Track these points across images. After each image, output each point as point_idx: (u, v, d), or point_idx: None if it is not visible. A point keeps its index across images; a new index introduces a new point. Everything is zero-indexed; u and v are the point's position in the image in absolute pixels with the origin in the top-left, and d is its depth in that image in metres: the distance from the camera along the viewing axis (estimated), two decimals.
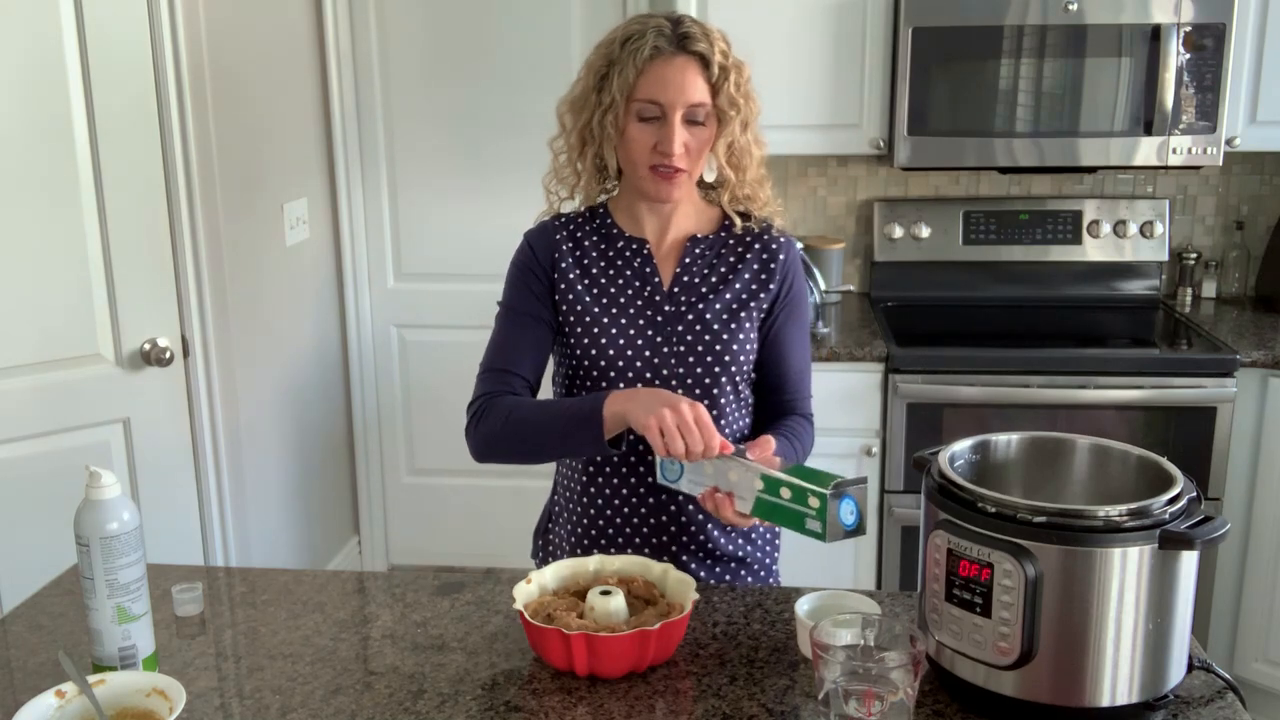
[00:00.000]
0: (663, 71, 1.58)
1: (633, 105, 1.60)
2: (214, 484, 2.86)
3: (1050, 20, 2.86)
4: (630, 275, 1.72)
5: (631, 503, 1.73)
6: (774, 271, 1.72)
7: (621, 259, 1.73)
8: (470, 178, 3.55)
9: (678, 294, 1.70)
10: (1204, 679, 1.37)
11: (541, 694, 1.37)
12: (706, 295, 1.70)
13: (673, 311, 1.70)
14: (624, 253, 1.73)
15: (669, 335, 1.69)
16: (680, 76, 1.58)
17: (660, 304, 1.70)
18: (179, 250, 2.67)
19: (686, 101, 1.59)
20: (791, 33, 2.99)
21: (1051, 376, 2.83)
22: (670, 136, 1.59)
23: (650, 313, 1.70)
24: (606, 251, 1.73)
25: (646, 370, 1.68)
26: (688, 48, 1.59)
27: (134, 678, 1.30)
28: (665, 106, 1.59)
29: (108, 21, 2.44)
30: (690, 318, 1.69)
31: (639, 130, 1.61)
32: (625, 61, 1.59)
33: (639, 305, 1.70)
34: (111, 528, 1.35)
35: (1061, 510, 1.23)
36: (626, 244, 1.73)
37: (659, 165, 1.62)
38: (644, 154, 1.62)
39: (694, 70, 1.59)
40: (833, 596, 1.49)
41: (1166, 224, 3.29)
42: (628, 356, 1.69)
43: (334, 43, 3.46)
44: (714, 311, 1.69)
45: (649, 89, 1.59)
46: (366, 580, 1.73)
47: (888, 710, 1.20)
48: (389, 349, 3.72)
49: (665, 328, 1.69)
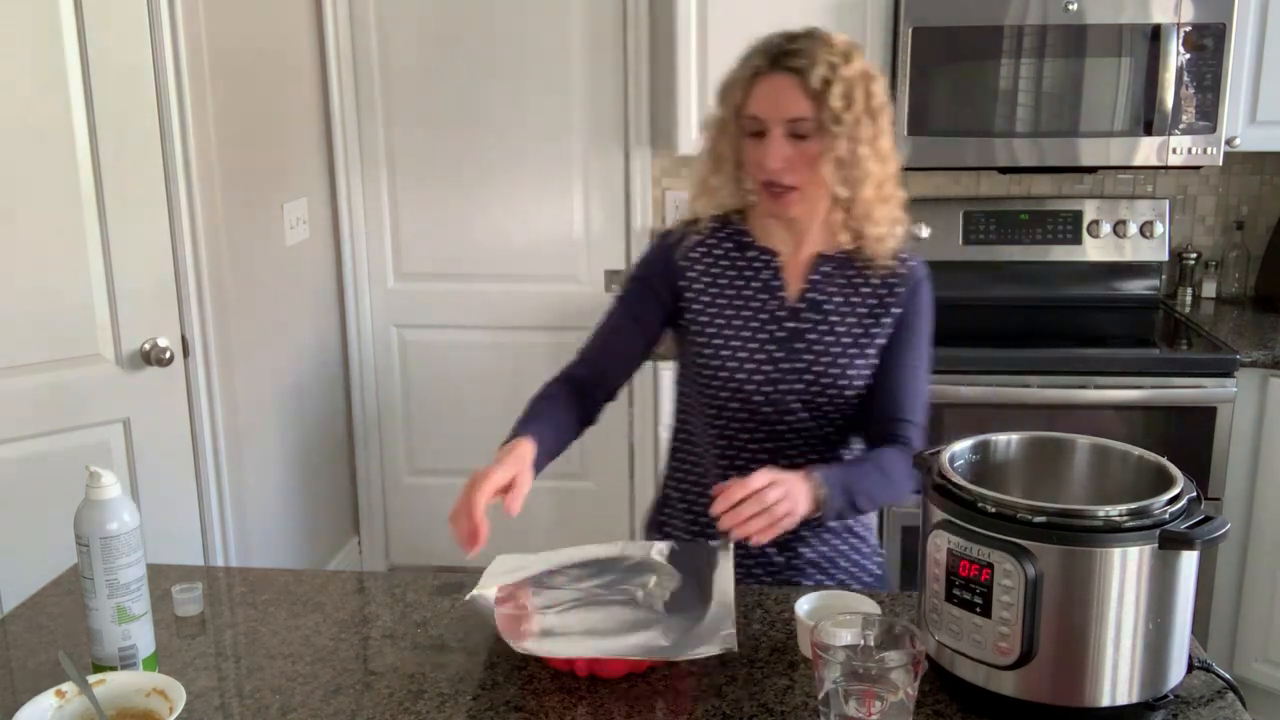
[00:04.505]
0: (763, 88, 1.61)
1: (742, 124, 1.64)
2: (214, 484, 2.86)
3: (1050, 20, 2.86)
4: (758, 287, 1.72)
5: None
6: (900, 296, 1.71)
7: (751, 269, 1.73)
8: (470, 177, 3.55)
9: (802, 311, 1.71)
10: (1204, 679, 1.37)
11: (541, 694, 1.37)
12: (829, 315, 1.70)
13: (795, 329, 1.70)
14: (754, 263, 1.73)
15: (789, 353, 1.69)
16: (776, 93, 1.60)
17: (784, 319, 1.71)
18: (179, 250, 2.67)
19: (784, 116, 1.60)
20: None
21: (1051, 376, 2.83)
22: (768, 150, 1.60)
23: (773, 327, 1.70)
24: (737, 260, 1.74)
25: (766, 383, 1.69)
26: (785, 65, 1.60)
27: (134, 678, 1.30)
28: (765, 121, 1.61)
29: (108, 22, 2.44)
30: (811, 338, 1.69)
31: (750, 146, 1.64)
32: (735, 84, 1.65)
33: (763, 319, 1.71)
34: (111, 528, 1.35)
35: (1061, 510, 1.23)
36: (758, 254, 1.74)
37: (769, 183, 1.63)
38: (755, 170, 1.64)
39: (791, 86, 1.59)
40: (833, 596, 1.49)
41: (1166, 224, 3.29)
42: (747, 369, 1.70)
43: (334, 43, 3.46)
44: (835, 335, 1.69)
45: (752, 106, 1.62)
46: (366, 580, 1.74)
47: (888, 710, 1.20)
48: (389, 349, 3.72)
49: (786, 344, 1.70)
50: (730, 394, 1.71)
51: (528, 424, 1.64)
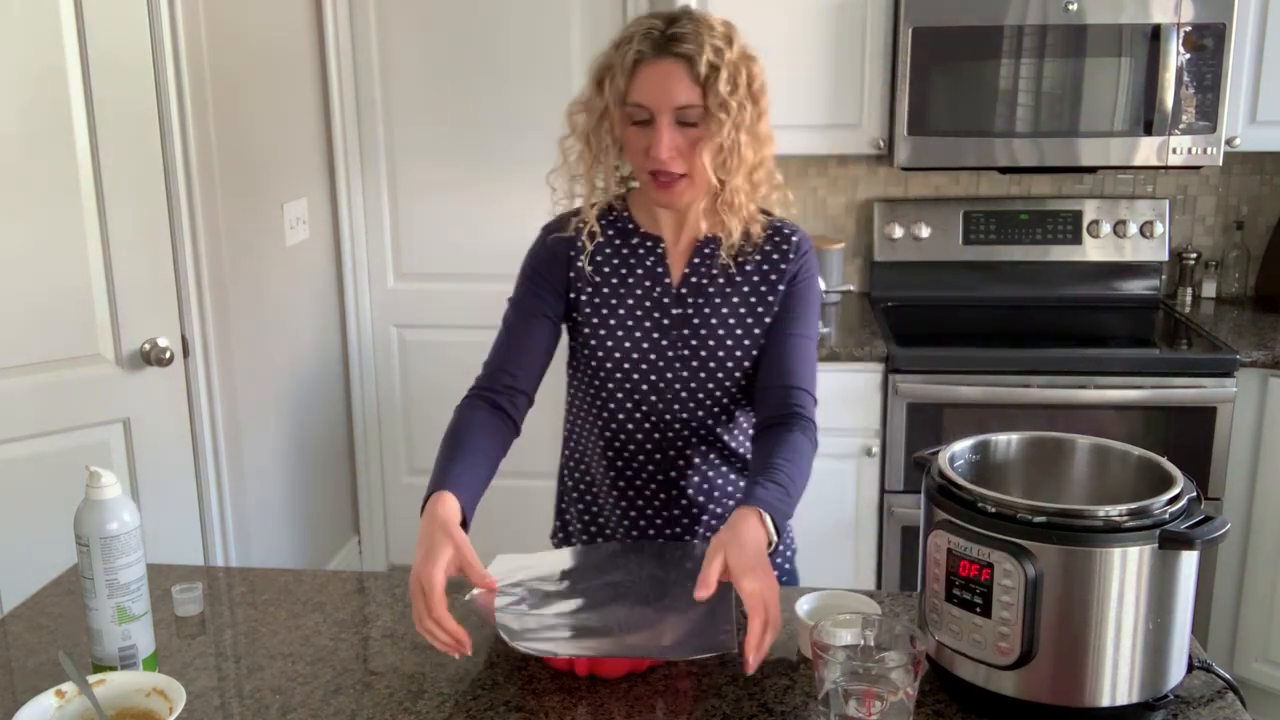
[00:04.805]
0: (649, 75, 1.57)
1: (625, 111, 1.59)
2: (214, 484, 2.86)
3: (1050, 20, 2.86)
4: (642, 274, 1.71)
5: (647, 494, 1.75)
6: (783, 270, 1.69)
7: (635, 256, 1.72)
8: (470, 178, 3.55)
9: (685, 295, 1.69)
10: (1204, 679, 1.37)
11: (541, 694, 1.37)
12: (713, 298, 1.69)
13: (679, 314, 1.69)
14: (638, 250, 1.72)
15: (674, 338, 1.68)
16: (665, 80, 1.56)
17: (668, 305, 1.69)
18: (179, 250, 2.67)
19: (672, 104, 1.56)
20: (791, 32, 3.00)
21: (1051, 376, 2.83)
22: (657, 140, 1.57)
23: (657, 314, 1.69)
24: (620, 248, 1.72)
25: (651, 371, 1.68)
26: (673, 50, 1.56)
27: (134, 678, 1.30)
28: (652, 109, 1.57)
29: (108, 21, 2.44)
30: (696, 321, 1.68)
31: (634, 135, 1.60)
32: (616, 68, 1.59)
33: (647, 306, 1.69)
34: (111, 528, 1.35)
35: (1061, 510, 1.23)
36: (641, 241, 1.72)
37: (656, 171, 1.59)
38: (640, 159, 1.61)
39: (679, 72, 1.55)
40: (833, 596, 1.49)
41: (1166, 224, 3.29)
42: (633, 358, 1.68)
43: (334, 43, 3.46)
44: (720, 316, 1.68)
45: (636, 93, 1.58)
46: (366, 580, 1.74)
47: (888, 710, 1.20)
48: (389, 349, 3.72)
49: (671, 330, 1.68)
50: (616, 384, 1.69)
51: (449, 467, 1.54)
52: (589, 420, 1.76)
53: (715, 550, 1.36)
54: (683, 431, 1.71)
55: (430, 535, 1.41)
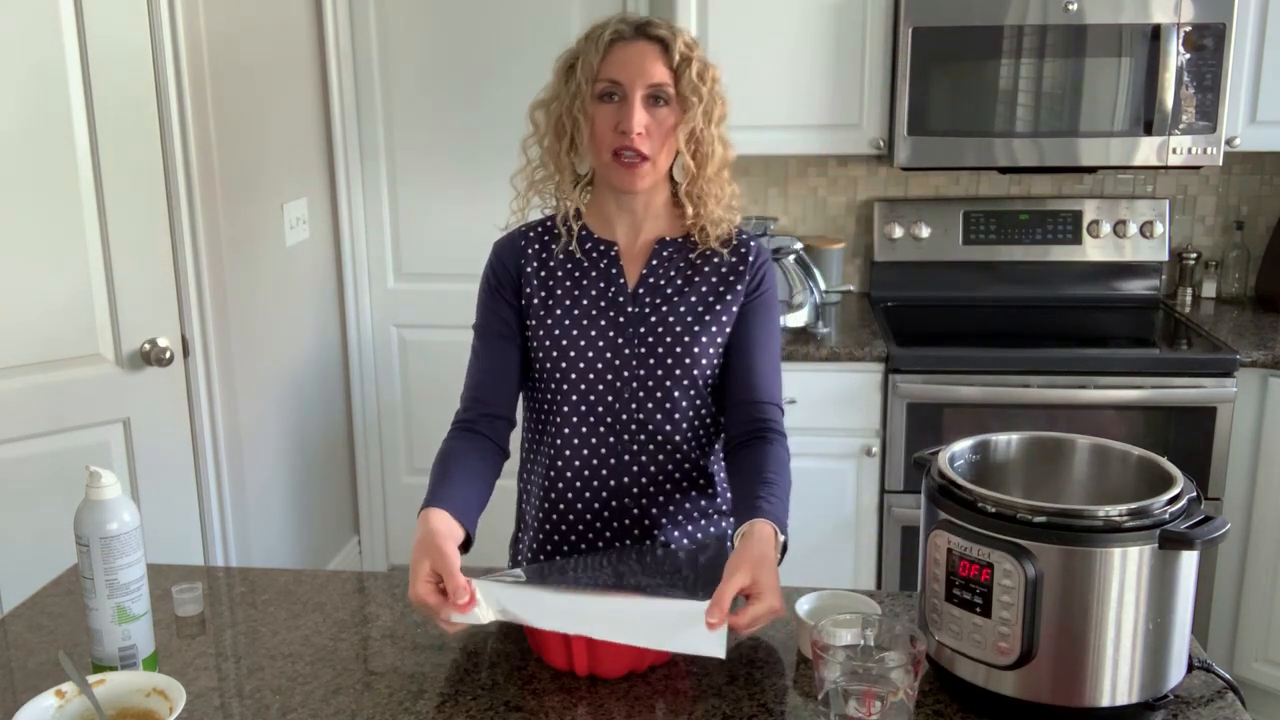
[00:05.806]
0: (623, 53, 1.61)
1: (596, 87, 1.62)
2: (214, 484, 2.86)
3: (1050, 20, 2.86)
4: (595, 276, 1.70)
5: (594, 508, 1.72)
6: (742, 274, 1.69)
7: (588, 260, 1.71)
8: (470, 178, 3.55)
9: (641, 295, 1.68)
10: (1204, 679, 1.37)
11: (541, 694, 1.37)
12: (671, 298, 1.68)
13: (635, 313, 1.68)
14: (591, 254, 1.71)
15: (630, 337, 1.67)
16: (640, 58, 1.60)
17: (623, 305, 1.68)
18: (179, 250, 2.67)
19: (646, 81, 1.59)
20: (791, 32, 2.99)
21: (1051, 376, 2.83)
22: (629, 114, 1.58)
23: (613, 314, 1.68)
24: (574, 254, 1.71)
25: (607, 372, 1.66)
26: (648, 33, 1.62)
27: (134, 678, 1.30)
28: (625, 85, 1.60)
29: (108, 21, 2.44)
30: (653, 320, 1.67)
31: (603, 112, 1.61)
32: (589, 49, 1.64)
33: (601, 306, 1.68)
34: (111, 528, 1.35)
35: (1061, 510, 1.23)
36: (594, 245, 1.72)
37: (622, 150, 1.60)
38: (607, 135, 1.61)
39: (654, 54, 1.61)
40: (833, 596, 1.49)
41: (1166, 224, 3.29)
42: (588, 358, 1.67)
43: (334, 43, 3.46)
44: (677, 314, 1.67)
45: (609, 70, 1.61)
46: (366, 580, 1.74)
47: (888, 710, 1.20)
48: (389, 349, 3.72)
49: (626, 329, 1.67)
50: (571, 386, 1.67)
51: (438, 488, 1.56)
52: (544, 436, 1.73)
53: (738, 569, 1.36)
54: (639, 434, 1.68)
55: (413, 555, 1.43)
